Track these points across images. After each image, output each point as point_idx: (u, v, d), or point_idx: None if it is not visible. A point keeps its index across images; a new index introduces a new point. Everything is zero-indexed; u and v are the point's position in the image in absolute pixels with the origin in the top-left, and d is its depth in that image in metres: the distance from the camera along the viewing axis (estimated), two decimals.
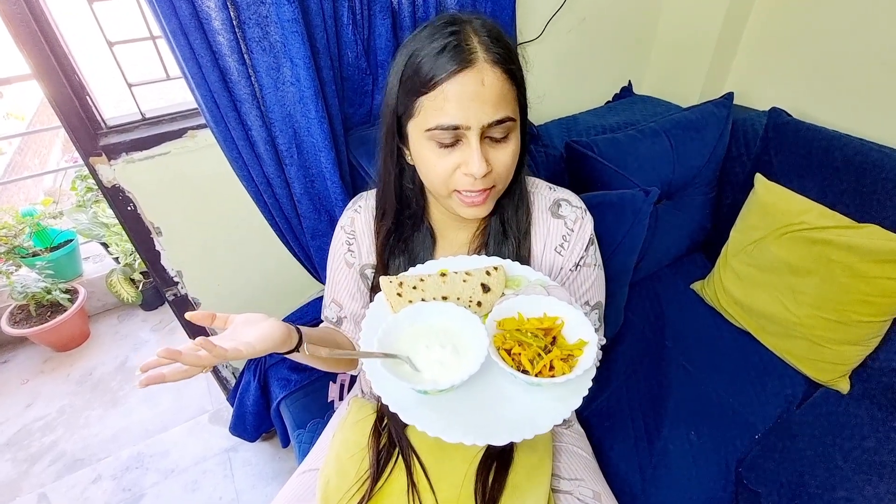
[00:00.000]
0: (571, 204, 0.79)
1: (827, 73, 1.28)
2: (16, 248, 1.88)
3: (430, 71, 0.59)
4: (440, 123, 0.60)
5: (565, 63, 1.48)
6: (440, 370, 0.56)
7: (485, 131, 0.61)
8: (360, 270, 0.83)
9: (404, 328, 0.60)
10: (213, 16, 0.84)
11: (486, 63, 0.59)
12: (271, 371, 1.24)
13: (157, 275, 1.21)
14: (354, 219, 0.82)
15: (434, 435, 0.51)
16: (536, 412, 0.55)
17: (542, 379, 0.54)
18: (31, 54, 0.91)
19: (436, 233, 0.81)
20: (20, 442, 1.62)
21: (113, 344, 2.02)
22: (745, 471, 0.94)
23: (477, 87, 0.59)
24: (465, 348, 0.58)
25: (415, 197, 0.77)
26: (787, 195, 1.12)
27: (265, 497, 1.41)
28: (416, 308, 0.62)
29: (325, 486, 0.74)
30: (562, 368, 0.55)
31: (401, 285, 0.64)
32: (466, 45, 0.59)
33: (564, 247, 0.78)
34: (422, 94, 0.61)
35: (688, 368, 1.13)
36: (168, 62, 1.03)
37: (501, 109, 0.60)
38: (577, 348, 0.58)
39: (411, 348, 0.58)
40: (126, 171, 1.05)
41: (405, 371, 0.56)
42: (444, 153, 0.63)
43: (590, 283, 0.81)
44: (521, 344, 0.57)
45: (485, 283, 0.66)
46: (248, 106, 0.95)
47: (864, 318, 1.00)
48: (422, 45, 0.61)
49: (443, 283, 0.65)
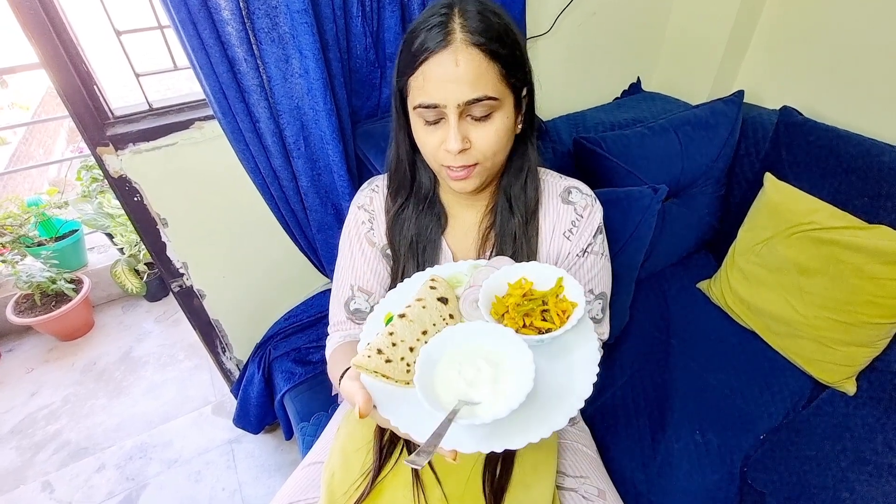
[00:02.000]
0: (581, 191, 0.80)
1: (839, 72, 1.27)
2: (21, 238, 1.89)
3: (413, 52, 0.62)
4: (421, 102, 0.63)
5: (574, 58, 1.47)
6: (492, 390, 0.52)
7: (464, 109, 0.62)
8: (383, 250, 0.82)
9: (433, 374, 0.54)
10: (223, 6, 0.83)
11: (462, 43, 0.60)
12: (275, 363, 1.24)
13: (162, 266, 1.21)
14: (373, 198, 0.82)
15: (450, 448, 0.50)
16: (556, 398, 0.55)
17: (553, 332, 0.56)
18: (40, 43, 0.90)
19: (447, 211, 0.81)
20: (25, 430, 1.63)
21: (117, 334, 2.03)
22: (750, 471, 0.94)
23: (451, 68, 0.60)
24: (500, 360, 0.55)
25: (427, 175, 0.78)
26: (797, 195, 1.11)
27: (267, 489, 1.42)
28: (428, 353, 0.54)
29: (330, 479, 0.74)
30: (561, 320, 0.58)
31: (378, 352, 0.55)
32: (446, 26, 0.60)
33: (573, 232, 0.79)
34: (409, 75, 0.64)
35: (693, 367, 1.13)
36: (176, 52, 1.02)
37: (479, 89, 0.61)
38: (565, 302, 0.61)
39: (454, 388, 0.53)
40: (133, 162, 1.05)
41: (466, 412, 0.50)
42: (430, 130, 0.66)
43: (596, 270, 0.81)
44: (527, 314, 0.59)
45: (440, 297, 0.64)
46: (257, 97, 0.94)
47: (872, 320, 0.99)
48: (416, 25, 0.64)
49: (410, 323, 0.59)
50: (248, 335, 1.40)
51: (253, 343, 1.34)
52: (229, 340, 1.41)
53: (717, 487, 0.93)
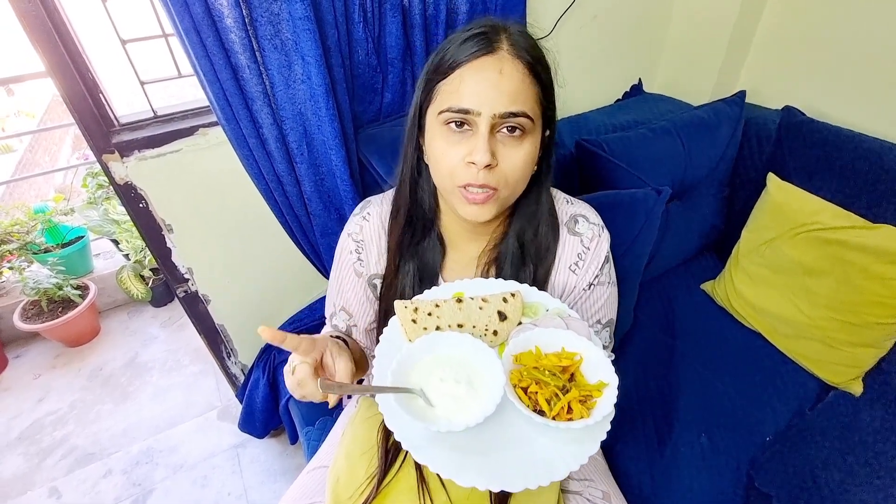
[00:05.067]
0: (589, 220, 0.76)
1: (842, 71, 1.27)
2: (28, 245, 1.91)
3: (451, 57, 0.60)
4: (451, 105, 0.60)
5: (576, 60, 1.47)
6: (454, 406, 0.53)
7: (497, 123, 0.59)
8: (369, 280, 0.81)
9: (419, 358, 0.58)
10: (226, 13, 0.84)
11: (507, 53, 0.59)
12: (280, 368, 1.24)
13: (167, 271, 1.21)
14: (363, 227, 0.79)
15: (447, 477, 0.49)
16: (553, 456, 0.52)
17: (559, 423, 0.51)
18: (46, 52, 0.91)
19: (446, 242, 0.78)
20: (32, 436, 1.64)
21: (123, 340, 2.04)
22: (756, 473, 0.94)
23: (494, 74, 0.58)
24: (480, 384, 0.56)
25: (428, 200, 0.75)
26: (801, 195, 1.11)
27: (273, 493, 1.42)
28: (431, 338, 0.59)
29: (335, 483, 0.74)
30: (580, 411, 0.53)
31: (416, 311, 0.62)
32: (493, 36, 0.60)
33: (579, 265, 0.76)
34: (441, 80, 0.61)
35: (698, 369, 1.12)
36: (180, 60, 1.03)
37: (518, 103, 0.59)
38: (597, 389, 0.55)
39: (425, 380, 0.56)
40: (138, 169, 1.06)
41: (419, 406, 0.54)
42: (453, 141, 0.61)
43: (602, 301, 0.79)
44: (538, 382, 0.54)
45: (501, 311, 0.63)
46: (260, 103, 0.95)
47: (878, 320, 0.99)
48: (452, 39, 0.62)
49: (458, 310, 0.62)
50: (252, 340, 1.41)
51: (258, 348, 1.34)
52: (234, 345, 1.42)
53: (724, 490, 0.92)
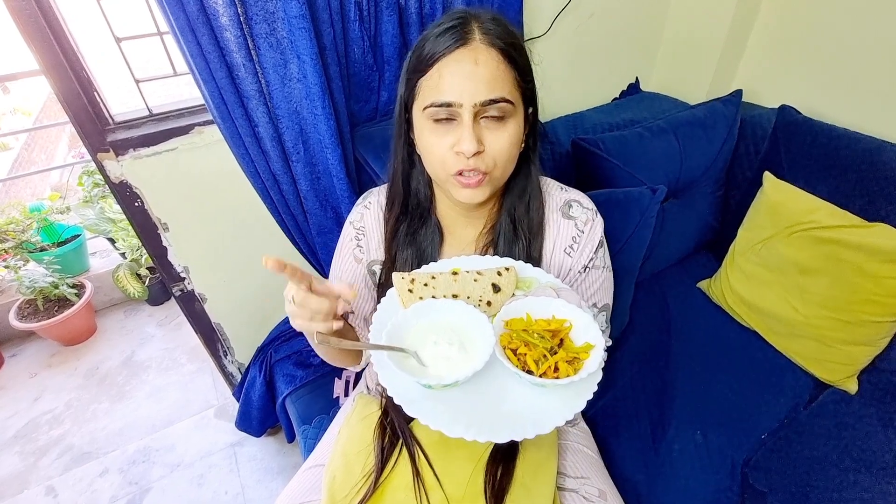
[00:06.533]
0: (582, 205, 0.79)
1: (837, 70, 1.27)
2: (24, 243, 1.90)
3: (428, 52, 0.62)
4: (434, 100, 0.62)
5: (572, 60, 1.47)
6: (446, 366, 0.56)
7: (479, 111, 0.62)
8: (368, 267, 0.83)
9: (413, 324, 0.61)
10: (221, 12, 0.84)
11: (481, 43, 0.61)
12: (277, 367, 1.24)
13: (163, 270, 1.21)
14: (364, 214, 0.82)
15: (436, 428, 0.52)
16: (540, 412, 0.55)
17: (546, 380, 0.54)
18: (40, 50, 0.91)
19: (443, 228, 0.81)
20: (28, 435, 1.64)
21: (119, 338, 2.04)
22: (752, 471, 0.94)
23: (470, 66, 0.60)
24: (471, 346, 0.58)
25: (423, 189, 0.78)
26: (796, 194, 1.11)
27: (270, 491, 1.42)
28: (425, 304, 0.62)
29: (331, 481, 0.75)
30: (566, 371, 0.55)
31: (412, 282, 0.65)
32: (465, 27, 0.61)
33: (574, 248, 0.78)
34: (421, 76, 0.63)
35: (694, 367, 1.13)
36: (175, 58, 1.03)
37: (497, 90, 0.61)
38: (584, 351, 0.58)
39: (419, 343, 0.59)
40: (133, 167, 1.05)
41: (411, 365, 0.57)
42: (440, 133, 0.64)
43: (598, 285, 0.81)
44: (527, 344, 0.57)
45: (496, 283, 0.66)
46: (255, 102, 0.95)
47: (873, 319, 0.99)
48: (428, 32, 0.64)
49: (454, 282, 0.65)
50: (249, 339, 1.41)
51: (254, 346, 1.34)
52: (231, 344, 1.42)
53: (719, 488, 0.92)
